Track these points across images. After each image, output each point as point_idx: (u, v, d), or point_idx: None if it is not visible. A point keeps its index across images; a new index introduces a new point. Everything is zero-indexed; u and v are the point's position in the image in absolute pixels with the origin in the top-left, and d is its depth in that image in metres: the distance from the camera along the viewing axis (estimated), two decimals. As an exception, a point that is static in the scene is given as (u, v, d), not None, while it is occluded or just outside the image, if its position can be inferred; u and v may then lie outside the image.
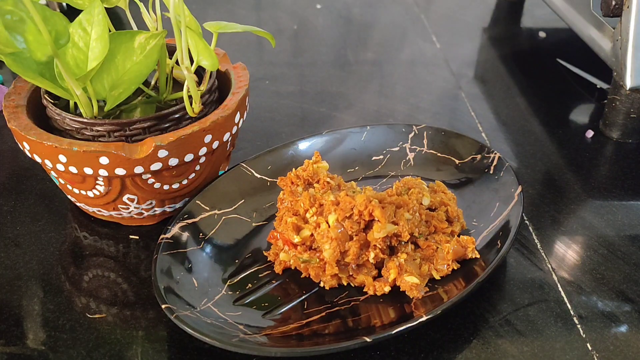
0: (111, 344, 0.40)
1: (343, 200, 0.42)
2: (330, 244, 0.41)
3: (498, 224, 0.45)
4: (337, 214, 0.41)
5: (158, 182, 0.45)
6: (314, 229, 0.42)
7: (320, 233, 0.42)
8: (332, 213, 0.41)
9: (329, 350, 0.36)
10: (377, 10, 0.93)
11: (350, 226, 0.41)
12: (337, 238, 0.41)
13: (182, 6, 0.42)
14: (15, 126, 0.44)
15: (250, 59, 0.77)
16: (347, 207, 0.41)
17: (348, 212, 0.41)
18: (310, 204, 0.43)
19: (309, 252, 0.43)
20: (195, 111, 0.45)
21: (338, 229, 0.41)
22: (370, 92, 0.71)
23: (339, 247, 0.41)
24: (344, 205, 0.41)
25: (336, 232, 0.41)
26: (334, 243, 0.41)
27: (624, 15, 0.56)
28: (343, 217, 0.41)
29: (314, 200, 0.43)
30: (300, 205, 0.43)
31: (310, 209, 0.43)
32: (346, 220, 0.41)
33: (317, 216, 0.42)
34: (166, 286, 0.40)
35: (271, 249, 0.45)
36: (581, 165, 0.57)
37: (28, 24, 0.40)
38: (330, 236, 0.41)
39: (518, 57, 0.79)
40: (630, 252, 0.47)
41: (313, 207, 0.43)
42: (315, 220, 0.42)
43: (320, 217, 0.42)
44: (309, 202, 0.43)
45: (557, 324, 0.41)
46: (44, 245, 0.48)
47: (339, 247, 0.41)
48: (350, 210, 0.41)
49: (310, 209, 0.43)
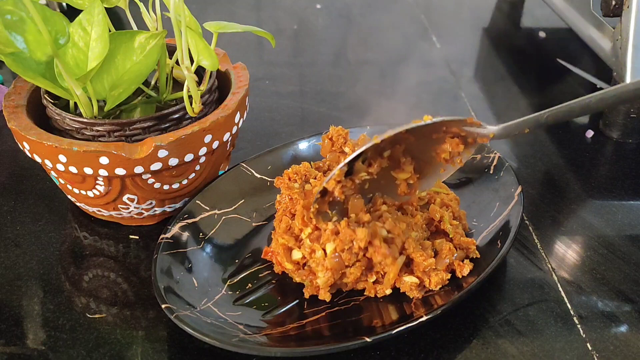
0: (111, 344, 0.40)
1: (343, 232, 0.39)
2: (324, 273, 0.40)
3: (498, 224, 0.45)
4: (336, 244, 0.39)
5: (158, 182, 0.45)
6: (309, 255, 0.40)
7: (315, 260, 0.40)
8: (330, 242, 0.40)
9: (329, 350, 0.36)
10: (377, 10, 0.93)
11: (348, 258, 0.39)
12: (332, 268, 0.39)
13: (182, 6, 0.42)
14: (15, 126, 0.44)
15: (250, 59, 0.77)
16: (347, 240, 0.39)
17: (347, 245, 0.39)
18: (304, 223, 0.41)
19: (303, 271, 0.41)
20: (195, 111, 0.45)
21: (335, 259, 0.39)
22: (370, 92, 0.71)
23: (334, 276, 0.40)
24: (343, 237, 0.39)
25: (332, 262, 0.39)
26: (328, 273, 0.40)
27: (624, 15, 0.56)
28: (342, 248, 0.39)
29: (308, 220, 0.41)
30: (295, 225, 0.42)
31: (305, 228, 0.41)
32: (345, 251, 0.39)
33: (312, 242, 0.40)
34: (166, 286, 0.40)
35: None
36: (581, 165, 0.57)
37: (28, 24, 0.40)
38: (326, 266, 0.39)
39: (518, 57, 0.79)
40: (630, 252, 0.47)
41: (308, 227, 0.41)
42: (310, 245, 0.40)
43: (316, 244, 0.40)
44: (302, 221, 0.41)
45: (557, 324, 0.41)
46: (44, 245, 0.48)
47: (334, 276, 0.40)
48: (349, 242, 0.39)
49: (305, 229, 0.41)
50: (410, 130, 0.40)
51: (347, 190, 0.41)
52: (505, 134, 0.40)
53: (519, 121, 0.39)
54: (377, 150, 0.41)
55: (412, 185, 0.43)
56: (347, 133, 0.48)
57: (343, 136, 0.48)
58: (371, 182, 0.42)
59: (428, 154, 0.42)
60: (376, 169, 0.41)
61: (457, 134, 0.41)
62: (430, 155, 0.42)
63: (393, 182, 0.43)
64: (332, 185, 0.40)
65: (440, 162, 0.42)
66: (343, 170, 0.40)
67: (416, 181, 0.43)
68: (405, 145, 0.41)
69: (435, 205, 0.43)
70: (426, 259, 0.40)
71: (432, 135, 0.41)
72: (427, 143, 0.41)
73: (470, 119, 0.40)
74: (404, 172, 0.42)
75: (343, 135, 0.48)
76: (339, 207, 0.41)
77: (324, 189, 0.40)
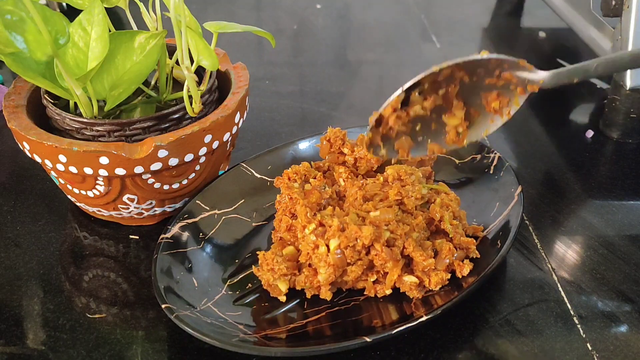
0: (111, 344, 0.40)
1: (350, 229, 0.39)
2: (326, 269, 0.40)
3: (498, 224, 0.45)
4: (340, 241, 0.39)
5: (158, 182, 0.45)
6: (312, 250, 0.40)
7: (318, 256, 0.40)
8: (335, 238, 0.40)
9: (329, 350, 0.36)
10: (377, 10, 0.93)
11: (350, 255, 0.39)
12: (334, 264, 0.39)
13: (182, 6, 0.42)
14: (15, 126, 0.44)
15: (250, 59, 0.77)
16: (352, 237, 0.39)
17: (352, 242, 0.39)
18: (307, 220, 0.41)
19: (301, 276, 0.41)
20: (195, 111, 0.45)
21: (337, 255, 0.39)
22: (370, 92, 0.71)
23: (335, 273, 0.40)
24: (349, 234, 0.39)
25: (335, 258, 0.39)
26: (330, 269, 0.40)
27: (624, 15, 0.56)
28: (346, 245, 0.39)
29: (312, 216, 0.41)
30: (299, 221, 0.42)
31: (309, 225, 0.41)
32: (348, 248, 0.39)
33: (316, 237, 0.40)
34: (166, 286, 0.40)
35: None
36: (581, 165, 0.57)
37: (28, 24, 0.40)
38: (329, 262, 0.39)
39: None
40: (630, 252, 0.47)
41: (312, 223, 0.41)
42: (314, 240, 0.40)
43: (320, 239, 0.40)
44: (305, 218, 0.41)
45: (557, 324, 0.41)
46: (44, 245, 0.48)
47: (335, 273, 0.40)
48: (354, 240, 0.39)
49: (309, 225, 0.41)
50: (466, 67, 0.41)
51: (401, 123, 0.42)
52: (555, 81, 0.40)
53: (570, 68, 0.39)
54: (434, 87, 0.42)
55: (460, 134, 0.44)
56: (344, 134, 0.48)
57: (341, 137, 0.48)
58: (423, 123, 0.43)
59: (479, 101, 0.43)
60: (430, 104, 0.42)
61: (509, 80, 0.41)
62: (481, 103, 0.43)
63: (443, 128, 0.44)
64: (389, 112, 0.40)
65: (490, 112, 0.43)
66: (400, 97, 0.40)
67: (465, 130, 0.44)
68: (459, 87, 0.42)
69: (435, 205, 0.43)
70: (426, 259, 0.40)
71: (485, 81, 0.42)
72: (479, 88, 0.42)
73: (523, 61, 0.41)
74: (454, 118, 0.43)
75: (341, 137, 0.48)
76: (389, 145, 0.43)
77: (379, 117, 0.41)
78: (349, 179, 0.46)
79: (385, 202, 0.42)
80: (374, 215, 0.41)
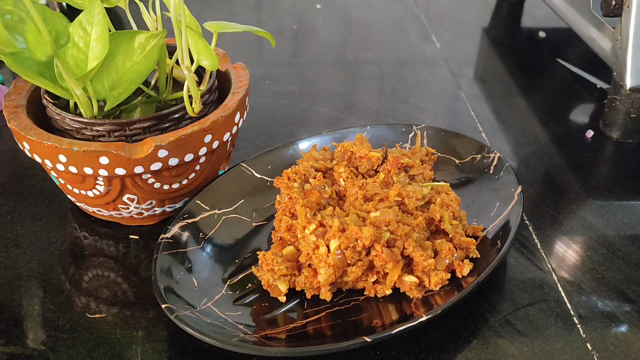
0: (111, 344, 0.40)
1: (350, 229, 0.39)
2: (326, 269, 0.40)
3: (498, 224, 0.45)
4: (340, 241, 0.40)
5: (158, 182, 0.45)
6: (312, 250, 0.40)
7: (318, 256, 0.40)
8: (335, 239, 0.40)
9: (329, 350, 0.36)
10: (377, 10, 0.93)
11: (351, 256, 0.40)
12: (335, 265, 0.40)
13: (182, 6, 0.42)
14: (15, 126, 0.44)
15: (250, 59, 0.77)
16: (352, 237, 0.40)
17: (352, 243, 0.40)
18: (307, 220, 0.41)
19: (301, 277, 0.41)
20: (195, 111, 0.45)
21: (338, 255, 0.40)
22: (370, 92, 0.71)
23: (336, 273, 0.40)
24: (349, 235, 0.39)
25: (335, 259, 0.39)
26: (330, 269, 0.40)
27: (624, 15, 0.56)
28: (346, 246, 0.40)
29: (312, 217, 0.41)
30: (299, 222, 0.42)
31: (309, 225, 0.41)
32: (349, 249, 0.40)
33: (317, 237, 0.40)
34: (166, 286, 0.40)
35: None
36: (581, 165, 0.57)
37: (28, 24, 0.40)
38: (329, 262, 0.40)
39: (518, 57, 0.79)
40: (630, 252, 0.47)
41: (312, 223, 0.41)
42: (314, 240, 0.40)
43: (320, 240, 0.40)
44: (305, 218, 0.41)
45: (557, 324, 0.41)
46: (44, 245, 0.48)
47: (336, 273, 0.40)
48: (354, 240, 0.40)
49: (309, 226, 0.41)
50: None
51: None
52: None
53: None
54: None
55: None
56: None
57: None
58: None
59: None
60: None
61: None
62: None
63: None
64: None
65: None
66: None
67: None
68: None
69: (435, 205, 0.43)
70: (426, 259, 0.40)
71: None
72: None
73: None
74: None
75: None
76: None
77: None
78: (349, 178, 0.46)
79: (385, 203, 0.42)
80: (374, 216, 0.41)
